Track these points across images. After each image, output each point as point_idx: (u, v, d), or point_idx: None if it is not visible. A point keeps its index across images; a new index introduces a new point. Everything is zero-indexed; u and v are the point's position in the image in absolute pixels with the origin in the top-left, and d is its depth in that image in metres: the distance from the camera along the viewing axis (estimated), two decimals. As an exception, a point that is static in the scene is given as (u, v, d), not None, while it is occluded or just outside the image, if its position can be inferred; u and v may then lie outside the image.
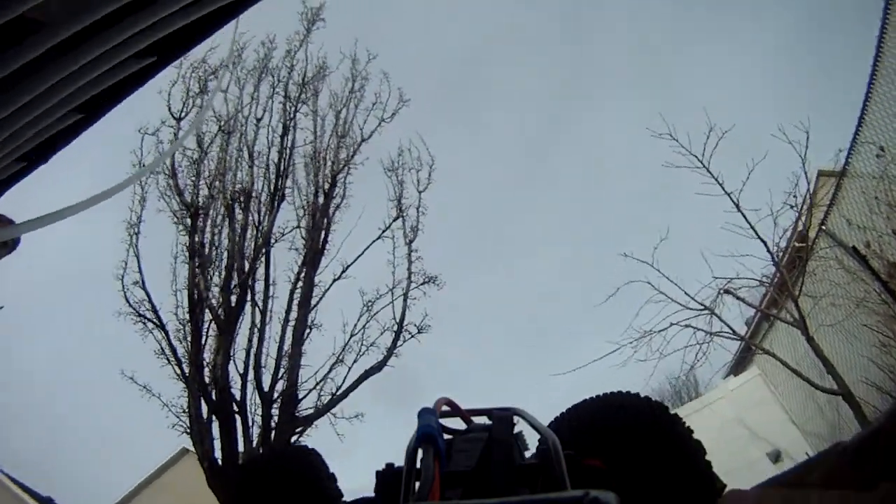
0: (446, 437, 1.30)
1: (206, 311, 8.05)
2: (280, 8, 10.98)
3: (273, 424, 7.67)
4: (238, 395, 7.81)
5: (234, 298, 8.34)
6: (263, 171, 9.66)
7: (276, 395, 7.95)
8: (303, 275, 9.15)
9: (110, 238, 8.83)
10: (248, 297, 8.56)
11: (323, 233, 9.56)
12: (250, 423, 7.71)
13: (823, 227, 8.58)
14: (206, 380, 7.63)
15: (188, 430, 7.54)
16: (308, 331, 8.74)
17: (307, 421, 7.90)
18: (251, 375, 8.01)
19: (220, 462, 7.47)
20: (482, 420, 1.50)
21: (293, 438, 7.72)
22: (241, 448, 7.56)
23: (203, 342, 7.83)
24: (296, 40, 10.81)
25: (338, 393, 8.32)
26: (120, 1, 2.16)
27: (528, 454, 1.17)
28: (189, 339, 7.83)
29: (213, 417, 7.58)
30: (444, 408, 1.43)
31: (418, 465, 0.96)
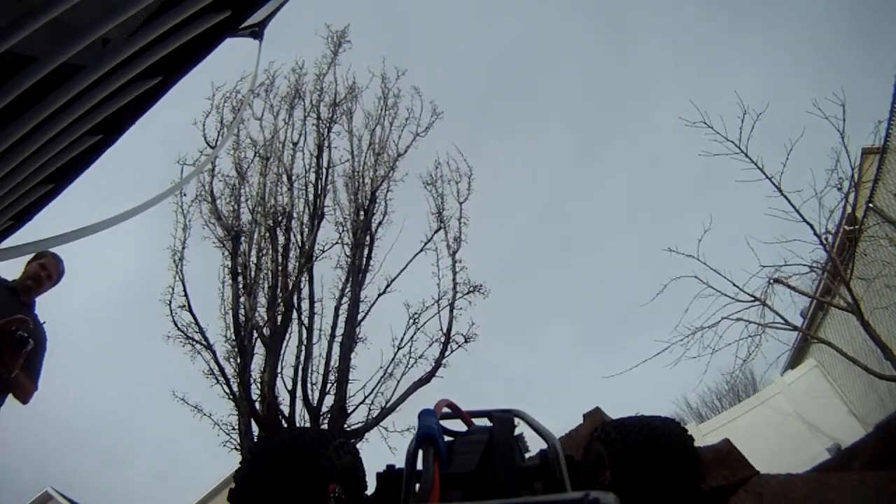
0: (447, 438, 1.32)
1: (253, 331, 8.27)
2: (307, 34, 11.31)
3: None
4: (287, 412, 7.97)
5: (279, 318, 8.54)
6: (302, 192, 9.94)
7: (324, 409, 8.07)
8: (348, 291, 9.30)
9: (160, 268, 9.20)
10: (294, 316, 8.75)
11: (366, 249, 9.71)
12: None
13: (871, 205, 8.19)
14: (255, 397, 7.80)
15: (238, 447, 7.71)
16: (355, 346, 8.84)
17: (356, 434, 7.97)
18: (299, 392, 8.16)
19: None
20: (483, 422, 1.52)
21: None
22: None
23: (250, 360, 8.03)
24: (324, 63, 11.14)
25: (387, 406, 8.39)
26: (124, 14, 2.18)
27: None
28: (237, 359, 8.05)
29: (262, 433, 7.72)
30: (445, 409, 1.45)
31: (419, 467, 0.98)
